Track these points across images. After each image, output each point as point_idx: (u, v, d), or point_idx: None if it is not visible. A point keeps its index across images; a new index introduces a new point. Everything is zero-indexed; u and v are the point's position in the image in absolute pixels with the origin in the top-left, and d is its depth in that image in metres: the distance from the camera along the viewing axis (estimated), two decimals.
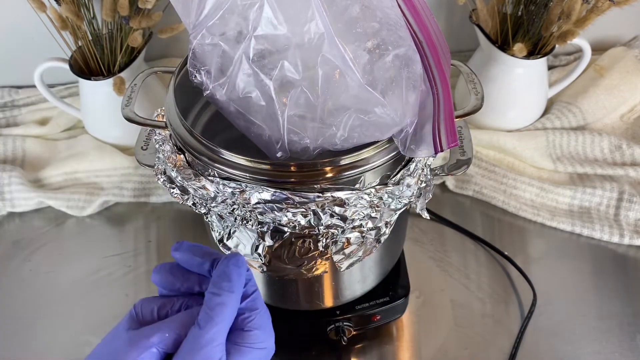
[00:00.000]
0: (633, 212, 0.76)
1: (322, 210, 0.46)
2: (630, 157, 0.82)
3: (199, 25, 0.46)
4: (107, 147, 0.85)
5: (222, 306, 0.38)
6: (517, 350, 0.65)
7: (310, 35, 0.43)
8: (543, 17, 0.77)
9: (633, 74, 0.89)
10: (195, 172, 0.49)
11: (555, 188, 0.79)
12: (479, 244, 0.76)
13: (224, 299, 0.39)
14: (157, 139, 0.54)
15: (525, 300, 0.70)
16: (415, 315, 0.69)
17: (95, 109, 0.84)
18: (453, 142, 0.46)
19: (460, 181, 0.81)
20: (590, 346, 0.66)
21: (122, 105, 0.56)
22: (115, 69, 0.80)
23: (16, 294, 0.73)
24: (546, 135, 0.84)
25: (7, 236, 0.79)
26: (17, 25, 0.88)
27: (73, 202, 0.80)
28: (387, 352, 0.67)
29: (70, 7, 0.73)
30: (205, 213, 0.53)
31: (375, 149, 0.47)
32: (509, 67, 0.82)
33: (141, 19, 0.75)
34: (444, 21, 0.94)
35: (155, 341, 0.38)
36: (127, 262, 0.76)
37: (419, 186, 0.50)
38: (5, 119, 0.91)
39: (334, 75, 0.44)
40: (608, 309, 0.69)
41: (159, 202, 0.82)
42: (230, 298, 0.39)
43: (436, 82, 0.49)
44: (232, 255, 0.41)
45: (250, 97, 0.46)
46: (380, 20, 0.45)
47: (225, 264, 0.40)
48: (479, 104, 0.54)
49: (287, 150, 0.47)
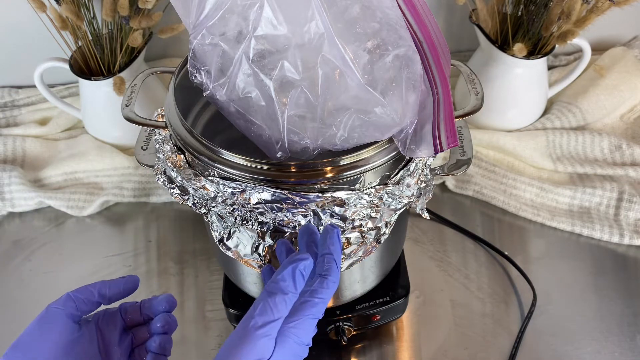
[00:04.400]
0: (633, 212, 0.76)
1: (322, 210, 0.46)
2: (630, 157, 0.82)
3: (199, 25, 0.46)
4: (107, 147, 0.85)
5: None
6: (517, 350, 0.65)
7: (310, 36, 0.43)
8: (543, 17, 0.77)
9: (633, 74, 0.89)
10: (195, 172, 0.49)
11: (555, 188, 0.79)
12: (479, 244, 0.76)
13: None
14: (157, 139, 0.54)
15: (525, 300, 0.70)
16: (415, 315, 0.69)
17: (95, 109, 0.84)
18: (453, 142, 0.46)
19: (460, 181, 0.81)
20: (590, 346, 0.66)
21: (122, 105, 0.56)
22: (115, 69, 0.80)
23: (16, 294, 0.73)
24: (546, 135, 0.84)
25: (7, 236, 0.79)
26: (17, 25, 0.88)
27: (73, 202, 0.80)
28: (387, 352, 0.67)
29: (70, 7, 0.73)
30: (205, 213, 0.53)
31: (375, 149, 0.47)
32: (509, 67, 0.82)
33: (141, 19, 0.75)
34: (444, 21, 0.94)
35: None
36: (127, 262, 0.76)
37: (419, 186, 0.51)
38: (5, 119, 0.91)
39: (334, 76, 0.44)
40: (608, 309, 0.69)
41: (159, 202, 0.82)
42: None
43: (436, 82, 0.49)
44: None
45: (250, 97, 0.46)
46: (380, 20, 0.45)
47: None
48: (479, 104, 0.54)
49: (287, 150, 0.47)
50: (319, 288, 0.41)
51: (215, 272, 0.74)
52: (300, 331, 0.41)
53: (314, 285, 0.42)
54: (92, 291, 0.47)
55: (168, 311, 0.50)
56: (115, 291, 0.48)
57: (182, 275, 0.74)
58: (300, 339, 0.41)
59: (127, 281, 0.49)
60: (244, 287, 0.62)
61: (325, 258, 0.43)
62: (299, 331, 0.41)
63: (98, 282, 0.48)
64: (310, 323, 0.41)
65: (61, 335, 0.44)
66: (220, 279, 0.68)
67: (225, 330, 0.69)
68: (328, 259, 0.42)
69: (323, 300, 0.41)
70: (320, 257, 0.43)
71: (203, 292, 0.72)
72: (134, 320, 0.50)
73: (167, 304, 0.49)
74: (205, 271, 0.74)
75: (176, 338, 0.68)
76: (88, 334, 0.46)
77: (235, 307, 0.63)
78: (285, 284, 0.41)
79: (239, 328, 0.40)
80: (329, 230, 0.43)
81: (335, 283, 0.42)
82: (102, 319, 0.48)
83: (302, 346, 0.41)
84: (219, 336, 0.68)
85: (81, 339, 0.46)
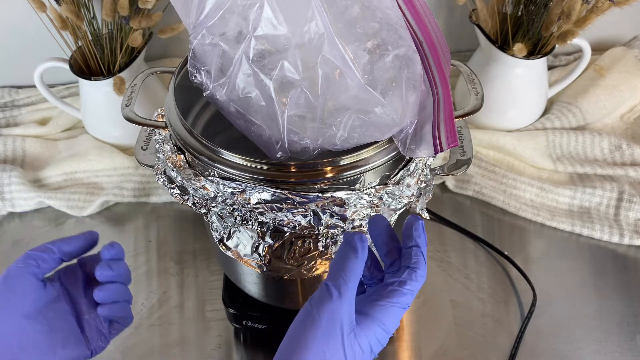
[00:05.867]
0: (633, 212, 0.76)
1: (322, 211, 0.46)
2: (630, 157, 0.82)
3: (199, 26, 0.46)
4: (107, 147, 0.85)
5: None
6: (517, 350, 0.65)
7: (310, 36, 0.43)
8: (543, 17, 0.77)
9: (633, 74, 0.89)
10: (195, 172, 0.49)
11: (555, 188, 0.79)
12: (479, 244, 0.76)
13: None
14: (157, 139, 0.54)
15: (525, 300, 0.70)
16: (415, 315, 0.69)
17: (95, 109, 0.84)
18: (453, 142, 0.46)
19: (460, 181, 0.81)
20: (590, 346, 0.66)
21: (122, 105, 0.56)
22: (115, 69, 0.80)
23: None
24: (546, 135, 0.84)
25: (7, 236, 0.79)
26: (17, 25, 0.88)
27: (73, 202, 0.80)
28: (387, 352, 0.67)
29: (70, 7, 0.73)
30: (205, 213, 0.53)
31: (375, 149, 0.47)
32: (509, 67, 0.82)
33: (141, 19, 0.75)
34: (444, 21, 0.94)
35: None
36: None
37: (419, 186, 0.50)
38: (5, 119, 0.91)
39: (334, 76, 0.44)
40: (608, 309, 0.69)
41: (159, 202, 0.82)
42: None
43: (436, 82, 0.49)
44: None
45: (250, 97, 0.46)
46: (380, 20, 0.45)
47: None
48: (479, 104, 0.54)
49: (287, 150, 0.47)
50: (408, 280, 0.41)
51: (215, 272, 0.74)
52: (385, 317, 0.40)
53: (402, 276, 0.41)
54: (52, 248, 0.47)
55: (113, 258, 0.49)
56: (75, 247, 0.48)
57: (182, 275, 0.74)
58: (385, 325, 0.40)
59: (86, 237, 0.49)
60: (244, 287, 0.62)
61: (412, 250, 0.42)
62: (384, 317, 0.40)
63: (57, 240, 0.48)
64: (396, 312, 0.41)
65: (28, 294, 0.45)
66: (220, 279, 0.68)
67: (225, 330, 0.69)
68: (415, 252, 0.42)
69: (411, 292, 0.41)
70: (406, 250, 0.42)
71: (203, 292, 0.72)
72: (94, 272, 0.50)
73: (112, 249, 0.48)
74: (205, 271, 0.74)
75: (176, 338, 0.68)
76: (54, 290, 0.47)
77: (235, 307, 0.63)
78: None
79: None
80: (413, 222, 0.42)
81: (424, 277, 0.41)
82: (64, 275, 0.49)
83: (384, 332, 0.41)
84: (219, 336, 0.68)
85: (48, 295, 0.46)
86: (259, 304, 0.62)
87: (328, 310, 0.39)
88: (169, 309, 0.70)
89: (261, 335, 0.67)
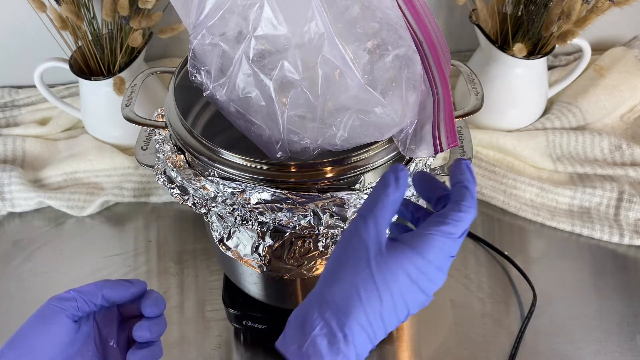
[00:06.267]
0: (633, 212, 0.76)
1: (322, 211, 0.46)
2: (630, 157, 0.82)
3: (199, 26, 0.46)
4: (107, 147, 0.85)
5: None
6: (517, 350, 0.65)
7: (310, 36, 0.43)
8: (543, 17, 0.77)
9: (633, 74, 0.89)
10: (195, 172, 0.49)
11: (555, 188, 0.79)
12: (479, 244, 0.76)
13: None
14: (157, 139, 0.54)
15: (525, 300, 0.70)
16: (415, 315, 0.69)
17: (95, 109, 0.84)
18: (453, 142, 0.46)
19: None
20: (590, 346, 0.66)
21: (122, 105, 0.56)
22: (115, 69, 0.80)
23: (16, 294, 0.73)
24: (546, 135, 0.84)
25: (7, 236, 0.79)
26: (17, 25, 0.88)
27: (73, 202, 0.80)
28: (387, 352, 0.67)
29: (70, 7, 0.73)
30: (205, 213, 0.53)
31: (375, 149, 0.47)
32: (509, 67, 0.82)
33: (141, 19, 0.75)
34: (444, 21, 0.94)
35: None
36: (127, 262, 0.76)
37: None
38: (5, 119, 0.91)
39: (334, 76, 0.44)
40: (608, 309, 0.69)
41: (159, 202, 0.82)
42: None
43: (436, 82, 0.49)
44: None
45: (250, 97, 0.46)
46: (380, 20, 0.45)
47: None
48: (479, 104, 0.54)
49: (287, 150, 0.47)
50: (450, 211, 0.39)
51: (215, 272, 0.74)
52: (423, 245, 0.38)
53: (444, 210, 0.39)
54: (97, 293, 0.45)
55: (157, 316, 0.48)
56: (122, 296, 0.47)
57: (182, 275, 0.74)
58: (423, 254, 0.38)
59: (136, 286, 0.47)
60: (244, 287, 0.62)
61: (457, 188, 0.40)
62: (422, 245, 0.38)
63: (103, 283, 0.46)
64: (437, 240, 0.38)
65: (58, 336, 0.44)
66: (220, 279, 0.68)
67: (225, 330, 0.69)
68: (458, 187, 0.40)
69: (455, 222, 0.39)
70: (452, 189, 0.41)
71: (203, 292, 0.72)
72: (131, 313, 0.49)
73: (156, 308, 0.47)
74: (205, 271, 0.74)
75: (176, 338, 0.68)
76: (85, 332, 0.46)
77: (235, 307, 0.63)
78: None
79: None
80: (457, 164, 0.41)
81: (471, 208, 0.39)
82: (100, 314, 0.47)
83: (424, 261, 0.38)
84: (219, 336, 0.68)
85: (78, 338, 0.45)
86: (259, 304, 0.62)
87: (350, 235, 0.39)
88: (169, 309, 0.70)
89: (261, 335, 0.67)
